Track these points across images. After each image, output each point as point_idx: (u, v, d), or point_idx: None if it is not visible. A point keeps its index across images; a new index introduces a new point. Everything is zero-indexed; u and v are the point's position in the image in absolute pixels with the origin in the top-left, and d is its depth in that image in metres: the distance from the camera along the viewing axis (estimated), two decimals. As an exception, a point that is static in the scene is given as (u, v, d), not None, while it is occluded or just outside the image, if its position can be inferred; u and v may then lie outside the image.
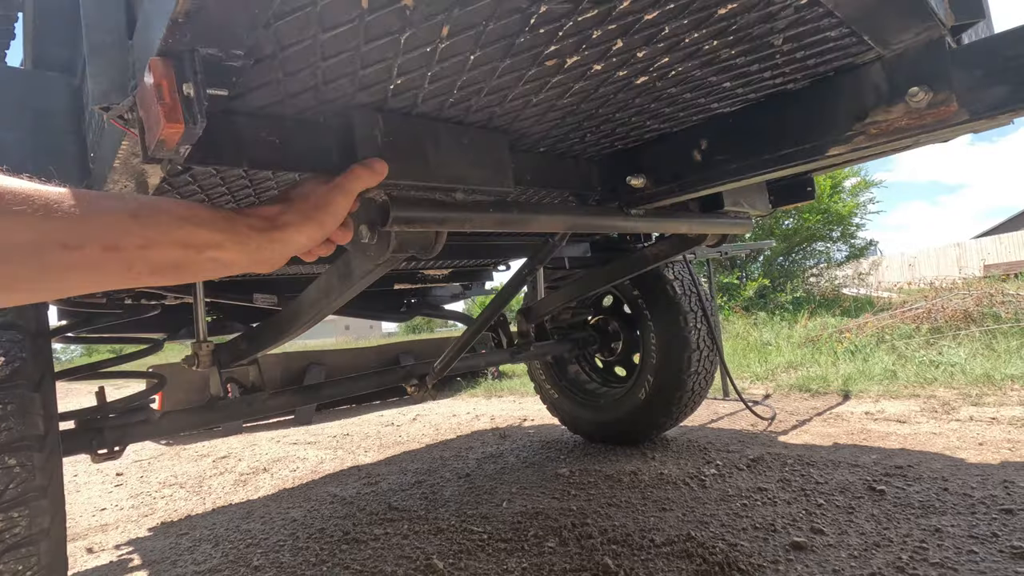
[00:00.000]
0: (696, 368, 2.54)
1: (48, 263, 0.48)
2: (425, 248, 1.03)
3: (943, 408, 3.00)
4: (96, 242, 0.50)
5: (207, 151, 0.78)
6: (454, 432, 3.83)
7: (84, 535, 2.45)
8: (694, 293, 2.62)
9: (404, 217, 0.92)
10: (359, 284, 1.17)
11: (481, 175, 1.01)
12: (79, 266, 0.50)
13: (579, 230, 1.28)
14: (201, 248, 0.59)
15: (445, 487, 2.48)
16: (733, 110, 1.14)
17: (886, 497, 1.86)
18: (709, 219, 1.67)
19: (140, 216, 0.54)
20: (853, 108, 0.97)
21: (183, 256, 0.58)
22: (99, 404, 1.44)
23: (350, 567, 1.76)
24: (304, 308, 1.39)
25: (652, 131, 1.22)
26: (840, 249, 13.59)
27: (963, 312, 5.14)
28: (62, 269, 0.49)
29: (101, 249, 0.50)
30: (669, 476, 2.27)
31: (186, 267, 0.59)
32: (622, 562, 1.59)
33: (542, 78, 0.86)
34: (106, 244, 0.51)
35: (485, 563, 1.69)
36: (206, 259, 0.60)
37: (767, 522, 1.76)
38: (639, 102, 1.03)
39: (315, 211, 0.72)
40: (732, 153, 1.14)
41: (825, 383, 3.92)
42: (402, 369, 2.07)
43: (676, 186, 1.23)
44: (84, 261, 0.50)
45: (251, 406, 1.69)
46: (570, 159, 1.33)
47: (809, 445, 2.58)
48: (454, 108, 0.94)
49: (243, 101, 0.79)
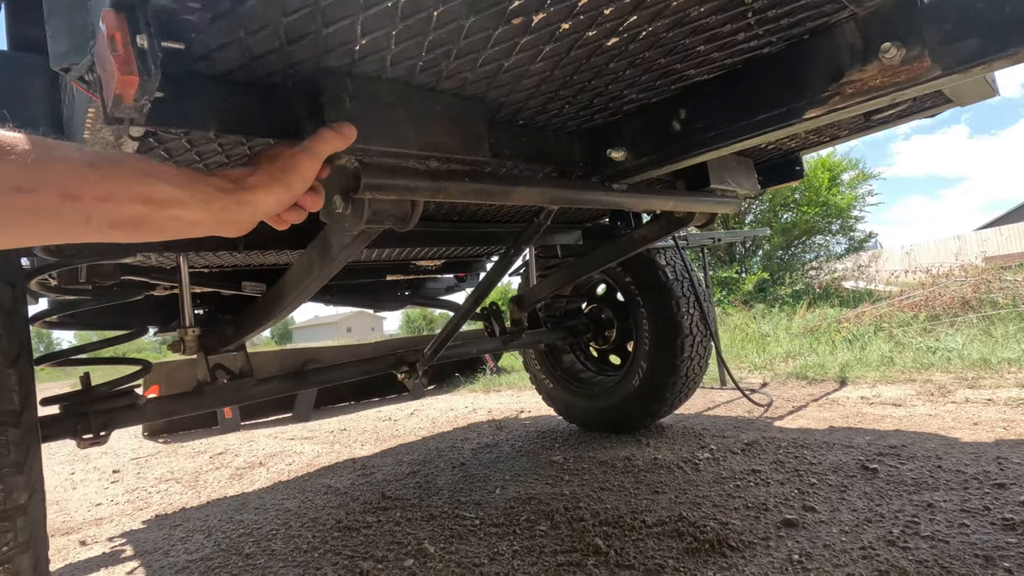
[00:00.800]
0: (689, 353, 2.53)
1: (1, 206, 0.47)
2: (401, 219, 1.02)
3: (939, 391, 2.98)
4: (52, 188, 0.49)
5: (173, 113, 0.77)
6: (451, 425, 3.82)
7: (78, 529, 2.45)
8: (686, 279, 2.61)
9: (376, 184, 0.92)
10: (339, 259, 1.16)
11: (455, 143, 1.00)
12: (34, 212, 0.49)
13: (560, 204, 1.28)
14: (163, 204, 0.58)
15: (439, 476, 2.47)
16: (710, 77, 1.13)
17: (879, 475, 1.85)
18: (695, 197, 1.66)
19: (99, 166, 0.54)
20: (828, 69, 0.96)
21: (144, 212, 0.57)
22: (84, 388, 1.43)
23: (342, 553, 1.76)
24: (288, 288, 1.39)
25: (630, 102, 1.21)
26: (840, 242, 13.56)
27: (961, 299, 5.12)
28: (15, 213, 0.48)
29: (58, 197, 0.50)
30: (663, 461, 2.26)
31: (147, 224, 0.58)
32: (612, 542, 1.58)
33: (511, 39, 0.86)
34: (63, 192, 0.50)
35: (476, 547, 1.68)
36: (168, 216, 0.59)
37: (759, 502, 1.75)
38: (614, 67, 1.02)
39: (282, 173, 0.72)
40: (710, 121, 1.13)
41: (822, 371, 3.90)
42: (392, 356, 2.06)
43: (656, 157, 1.22)
44: (39, 207, 0.49)
45: (239, 392, 1.68)
46: (550, 133, 1.32)
47: (804, 429, 2.57)
48: (425, 73, 0.93)
49: (209, 64, 0.79)
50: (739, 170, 1.80)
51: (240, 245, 1.59)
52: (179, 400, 1.60)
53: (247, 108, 0.84)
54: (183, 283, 1.64)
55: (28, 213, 0.49)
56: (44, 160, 0.49)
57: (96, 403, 1.44)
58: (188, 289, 1.64)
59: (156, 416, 1.55)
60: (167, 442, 4.58)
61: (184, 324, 1.64)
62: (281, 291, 1.45)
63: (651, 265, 2.56)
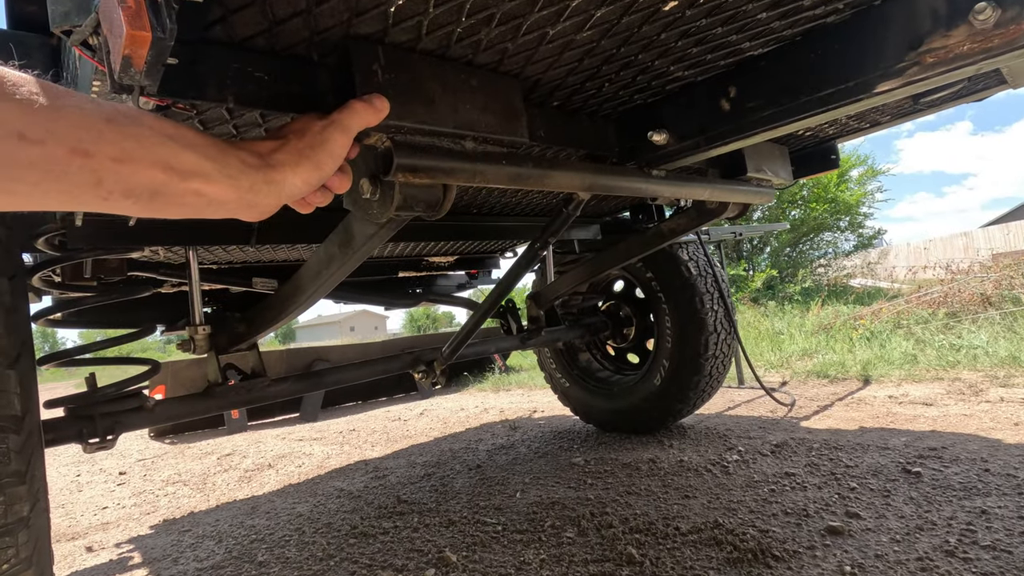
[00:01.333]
0: (714, 351, 2.44)
1: (1, 154, 0.39)
2: (432, 205, 0.94)
3: (970, 390, 2.88)
4: (61, 140, 0.41)
5: (187, 83, 0.69)
6: (462, 425, 3.74)
7: (84, 534, 2.38)
8: (710, 274, 2.52)
9: (409, 165, 0.84)
10: (362, 251, 1.08)
11: (492, 122, 0.92)
12: (38, 165, 0.41)
13: (596, 191, 1.19)
14: (185, 175, 0.50)
15: (455, 479, 2.39)
16: (766, 51, 1.04)
17: (923, 479, 1.76)
18: (731, 186, 1.57)
19: (117, 122, 0.45)
20: (905, 36, 0.87)
21: (164, 181, 0.49)
22: (90, 390, 1.35)
23: (359, 561, 1.68)
24: (305, 282, 1.31)
25: (675, 80, 1.12)
26: (848, 239, 13.43)
27: (981, 296, 5.01)
28: (16, 166, 0.40)
29: (67, 151, 0.41)
30: (689, 463, 2.17)
31: (164, 195, 0.50)
32: (647, 551, 1.50)
33: (560, 2, 0.77)
34: (73, 146, 0.42)
35: (501, 555, 1.60)
36: (189, 190, 0.51)
37: (798, 507, 1.66)
38: (665, 38, 0.93)
39: (311, 150, 0.63)
40: (766, 99, 1.04)
41: (843, 369, 3.80)
42: (409, 355, 1.98)
43: (703, 139, 1.13)
44: (45, 160, 0.41)
45: (251, 392, 1.60)
46: (584, 116, 1.24)
47: (834, 429, 2.47)
48: (462, 44, 0.84)
49: (227, 28, 0.71)
50: (775, 158, 1.71)
51: (252, 239, 1.51)
52: (190, 401, 1.52)
53: (267, 80, 0.76)
54: (193, 279, 1.56)
55: (30, 167, 0.41)
56: (55, 107, 0.41)
57: (103, 405, 1.36)
58: (198, 285, 1.56)
59: (166, 419, 1.47)
60: (174, 443, 4.51)
61: (194, 322, 1.56)
62: (297, 286, 1.37)
63: (674, 260, 2.47)
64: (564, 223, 1.50)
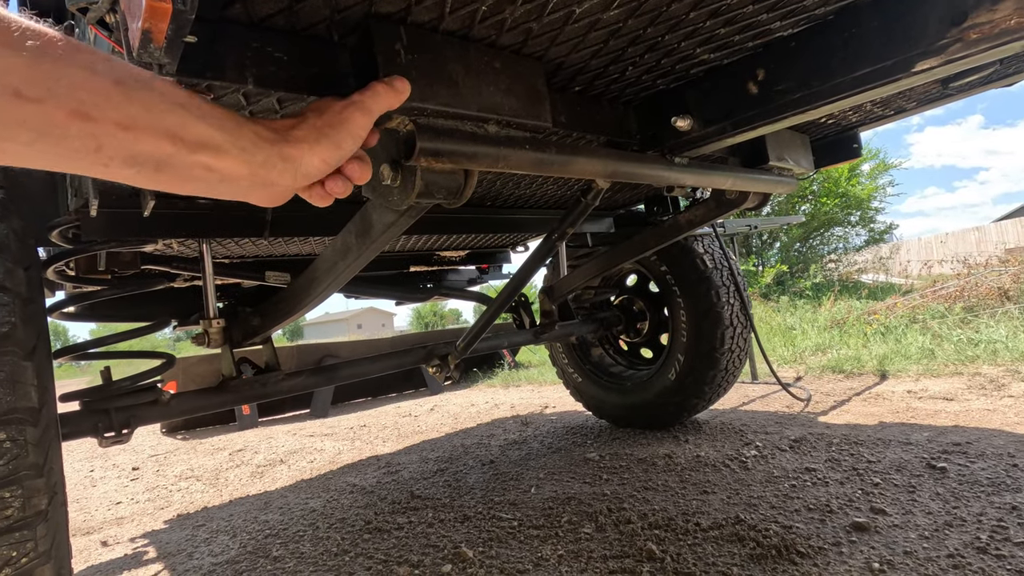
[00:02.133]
0: (730, 346, 2.41)
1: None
2: (453, 192, 0.91)
3: (992, 385, 2.83)
4: (61, 101, 0.39)
5: (206, 63, 0.67)
6: (474, 421, 3.72)
7: (99, 528, 2.38)
8: (725, 267, 2.48)
9: (432, 149, 0.81)
10: (380, 240, 1.06)
11: (516, 105, 0.89)
12: (32, 126, 0.38)
13: (619, 178, 1.16)
14: (194, 147, 0.48)
15: (469, 474, 2.37)
16: (795, 31, 1.00)
17: (948, 475, 1.72)
18: (754, 174, 1.53)
19: (126, 84, 0.43)
20: (947, 12, 0.84)
21: (170, 152, 0.46)
22: (105, 384, 1.34)
23: (374, 557, 1.66)
24: (320, 274, 1.29)
25: (701, 63, 1.09)
26: (859, 234, 13.27)
27: (999, 290, 4.93)
28: (8, 124, 0.38)
29: (67, 113, 0.39)
30: (707, 458, 2.14)
31: (170, 167, 0.47)
32: (667, 547, 1.47)
33: (589, -23, 0.74)
34: (75, 108, 0.39)
35: (518, 551, 1.58)
36: (197, 163, 0.49)
37: (821, 503, 1.62)
38: (693, 18, 0.90)
39: (331, 128, 0.61)
40: (796, 80, 1.01)
41: (859, 364, 3.75)
42: (423, 349, 1.96)
43: (729, 124, 1.10)
44: (40, 121, 0.39)
45: (265, 387, 1.59)
46: (606, 101, 1.21)
47: (853, 424, 2.43)
48: (486, 24, 0.82)
49: (246, 6, 0.68)
50: (796, 146, 1.67)
51: (266, 231, 1.49)
52: (205, 395, 1.51)
53: (287, 62, 0.74)
54: (206, 272, 1.55)
55: (24, 126, 0.38)
56: (60, 63, 0.39)
57: (118, 399, 1.35)
58: (212, 278, 1.54)
59: (181, 412, 1.46)
60: (185, 438, 4.54)
61: (208, 316, 1.55)
62: (312, 278, 1.35)
63: (689, 253, 2.44)
64: (583, 213, 1.47)
